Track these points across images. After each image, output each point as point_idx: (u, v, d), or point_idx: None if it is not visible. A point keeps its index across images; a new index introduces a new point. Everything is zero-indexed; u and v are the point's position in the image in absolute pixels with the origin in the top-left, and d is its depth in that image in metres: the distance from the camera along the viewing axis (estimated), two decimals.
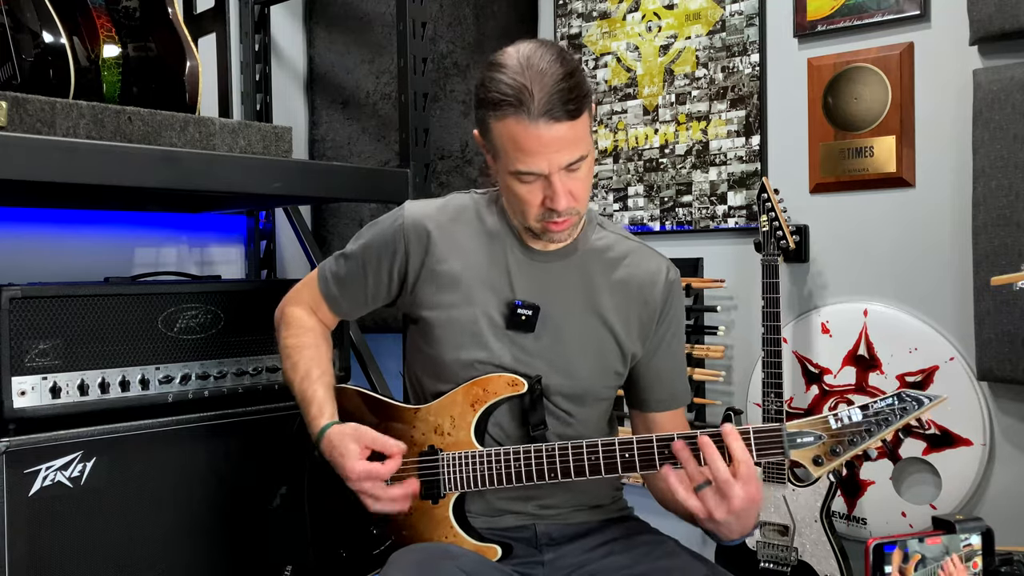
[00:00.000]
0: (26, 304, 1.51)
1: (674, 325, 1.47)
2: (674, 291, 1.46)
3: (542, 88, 1.21)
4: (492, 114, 1.26)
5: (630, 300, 1.42)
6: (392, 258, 1.44)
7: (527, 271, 1.41)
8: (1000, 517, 1.93)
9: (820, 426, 1.17)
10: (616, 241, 1.46)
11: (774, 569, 2.06)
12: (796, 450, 1.18)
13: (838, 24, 2.17)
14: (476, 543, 1.34)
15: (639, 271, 1.44)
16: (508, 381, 1.36)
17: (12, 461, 1.46)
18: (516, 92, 1.22)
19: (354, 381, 1.98)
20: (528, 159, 1.24)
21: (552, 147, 1.23)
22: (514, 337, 1.38)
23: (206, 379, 1.74)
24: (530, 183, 1.28)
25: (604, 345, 1.41)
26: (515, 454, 1.31)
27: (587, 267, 1.42)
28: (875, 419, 1.16)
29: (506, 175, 1.30)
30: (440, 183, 2.55)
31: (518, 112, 1.22)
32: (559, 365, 1.39)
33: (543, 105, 1.21)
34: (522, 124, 1.22)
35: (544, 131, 1.22)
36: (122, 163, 1.52)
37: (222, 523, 1.73)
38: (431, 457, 1.37)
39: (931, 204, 2.08)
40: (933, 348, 2.06)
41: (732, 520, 1.17)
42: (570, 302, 1.41)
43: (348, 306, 1.52)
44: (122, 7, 1.74)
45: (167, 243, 2.45)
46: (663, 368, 1.47)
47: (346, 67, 2.71)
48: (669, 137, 2.49)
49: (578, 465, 1.28)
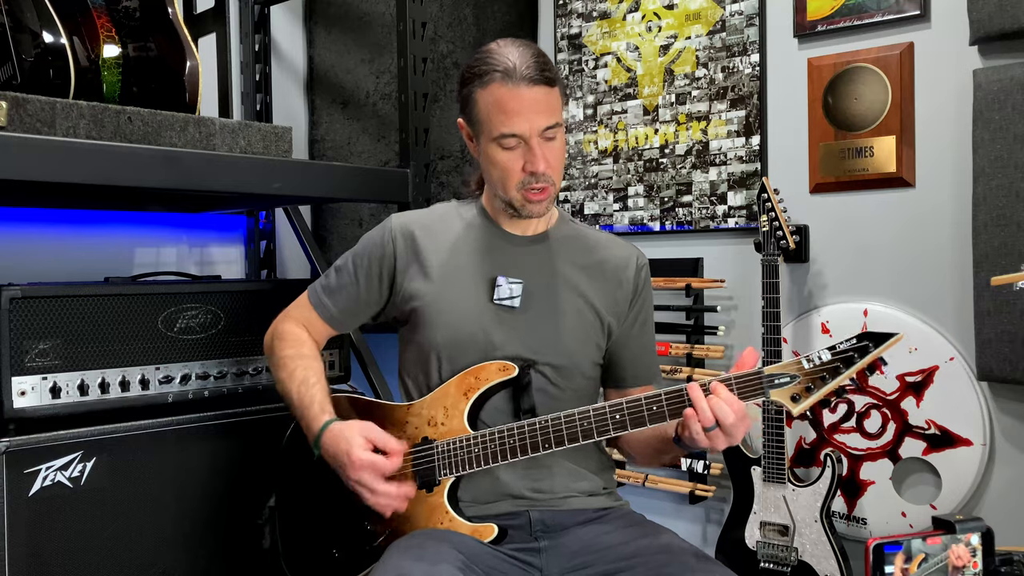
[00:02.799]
0: (26, 304, 1.51)
1: (646, 308, 1.58)
2: (644, 275, 1.58)
3: (522, 58, 1.39)
4: (478, 84, 1.41)
5: (606, 280, 1.53)
6: (381, 260, 1.51)
7: (508, 253, 1.50)
8: (1000, 517, 1.93)
9: (794, 367, 1.28)
10: (585, 231, 1.59)
11: (774, 569, 2.06)
12: (775, 390, 1.27)
13: (838, 24, 2.17)
14: (472, 524, 1.37)
15: (611, 256, 1.55)
16: (499, 367, 1.41)
17: (12, 461, 1.46)
18: (500, 61, 1.39)
19: (354, 381, 1.99)
20: (510, 120, 1.38)
21: (532, 108, 1.38)
22: (500, 312, 1.46)
23: (206, 379, 1.74)
24: (511, 148, 1.40)
25: (585, 318, 1.50)
26: (508, 430, 1.36)
27: (562, 251, 1.53)
28: (842, 357, 1.28)
29: (489, 145, 1.42)
30: (440, 183, 2.55)
31: (504, 77, 1.38)
32: (546, 337, 1.46)
33: (524, 70, 1.37)
34: (506, 86, 1.38)
35: (525, 92, 1.37)
36: (122, 163, 1.52)
37: (222, 523, 1.73)
38: (425, 447, 1.40)
39: (931, 204, 2.08)
40: (933, 348, 2.06)
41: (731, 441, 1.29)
42: (551, 280, 1.50)
43: (340, 315, 1.56)
44: (122, 7, 1.74)
45: (167, 243, 2.45)
46: (639, 345, 1.57)
47: (346, 67, 2.71)
48: (669, 137, 2.49)
49: (571, 432, 1.33)
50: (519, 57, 1.39)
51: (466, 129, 1.49)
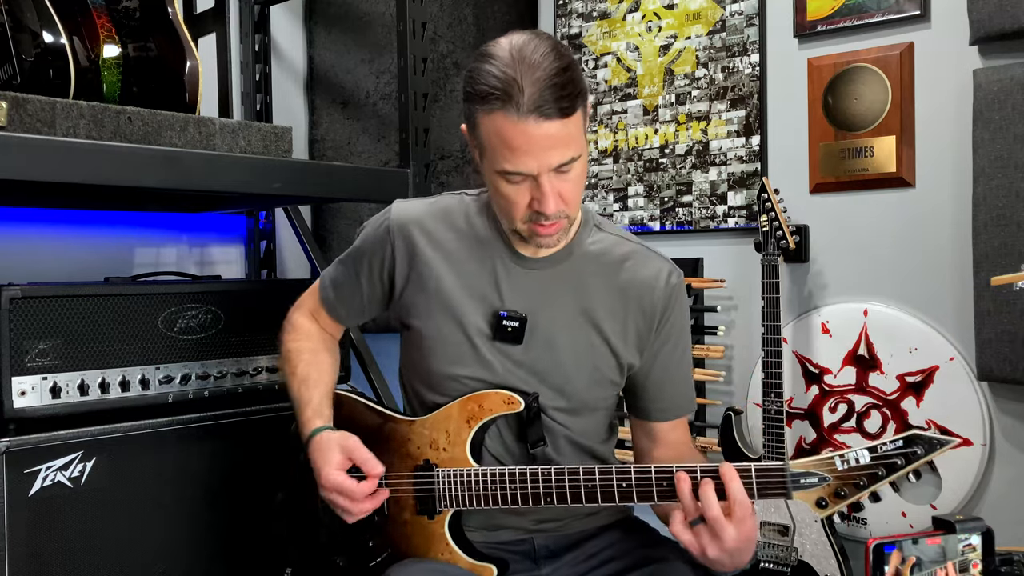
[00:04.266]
0: (26, 304, 1.51)
1: (675, 332, 1.39)
2: (675, 296, 1.38)
3: (533, 83, 1.14)
4: (479, 108, 1.19)
5: (627, 308, 1.36)
6: (381, 263, 1.41)
7: (517, 279, 1.35)
8: (1000, 517, 1.93)
9: (825, 467, 1.12)
10: (614, 244, 1.39)
11: (774, 569, 2.06)
12: (799, 491, 1.13)
13: (838, 24, 2.17)
14: (472, 561, 1.32)
15: (637, 276, 1.37)
16: (504, 399, 1.32)
17: (12, 461, 1.46)
18: (505, 86, 1.15)
19: (354, 381, 1.99)
20: (516, 158, 1.17)
21: (541, 146, 1.16)
22: (503, 349, 1.34)
23: (206, 379, 1.74)
24: (517, 183, 1.21)
25: (598, 355, 1.36)
26: (511, 475, 1.27)
27: (581, 273, 1.36)
28: (884, 462, 1.10)
29: (492, 174, 1.23)
30: (440, 183, 2.55)
31: (506, 107, 1.15)
32: (550, 377, 1.34)
33: (533, 101, 1.14)
34: (510, 120, 1.15)
35: (533, 129, 1.15)
36: (122, 163, 1.51)
37: (222, 523, 1.72)
38: (426, 472, 1.34)
39: (931, 204, 2.08)
40: (933, 348, 2.06)
41: (725, 558, 1.14)
42: (562, 311, 1.35)
43: (347, 312, 1.50)
44: (122, 7, 1.74)
45: (167, 243, 2.45)
46: (663, 378, 1.40)
47: (346, 67, 2.71)
48: (669, 137, 2.48)
49: (574, 492, 1.25)
50: (530, 79, 1.14)
51: (469, 138, 1.28)
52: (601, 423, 1.43)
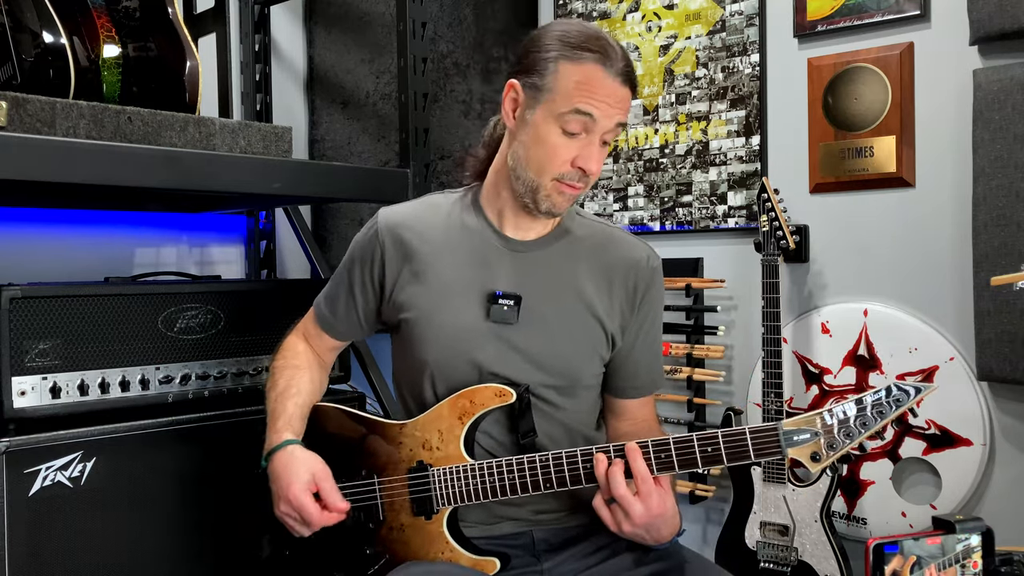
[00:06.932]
0: (26, 304, 1.51)
1: (652, 312, 1.47)
2: (655, 277, 1.46)
3: (622, 54, 1.30)
4: (569, 54, 1.29)
5: (612, 286, 1.43)
6: (371, 267, 1.45)
7: (507, 262, 1.41)
8: (1000, 517, 1.93)
9: (815, 423, 1.19)
10: (596, 227, 1.48)
11: (774, 569, 2.06)
12: (793, 448, 1.19)
13: (838, 24, 2.17)
14: (473, 557, 1.32)
15: (621, 257, 1.44)
16: (495, 392, 1.33)
17: (12, 461, 1.46)
18: (603, 45, 1.29)
19: (354, 381, 1.99)
20: (596, 102, 1.28)
21: (616, 104, 1.29)
22: (496, 330, 1.37)
23: (206, 379, 1.74)
24: (573, 134, 1.30)
25: (589, 330, 1.41)
26: (507, 466, 1.30)
27: (568, 254, 1.43)
28: (868, 412, 1.18)
29: (550, 120, 1.30)
30: (440, 183, 2.55)
31: (603, 61, 1.28)
32: (544, 356, 1.38)
33: (623, 66, 1.29)
34: (602, 72, 1.28)
35: (617, 87, 1.29)
36: (122, 163, 1.52)
37: (222, 523, 1.72)
38: (421, 473, 1.35)
39: (931, 204, 2.08)
40: (933, 348, 2.06)
41: (641, 532, 1.23)
42: (553, 290, 1.40)
43: (344, 327, 1.52)
44: (122, 7, 1.74)
45: (167, 243, 2.45)
46: (642, 355, 1.47)
47: (346, 67, 2.71)
48: (669, 137, 2.49)
49: (573, 475, 1.27)
50: (620, 52, 1.30)
51: (518, 93, 1.33)
52: (592, 405, 1.47)
